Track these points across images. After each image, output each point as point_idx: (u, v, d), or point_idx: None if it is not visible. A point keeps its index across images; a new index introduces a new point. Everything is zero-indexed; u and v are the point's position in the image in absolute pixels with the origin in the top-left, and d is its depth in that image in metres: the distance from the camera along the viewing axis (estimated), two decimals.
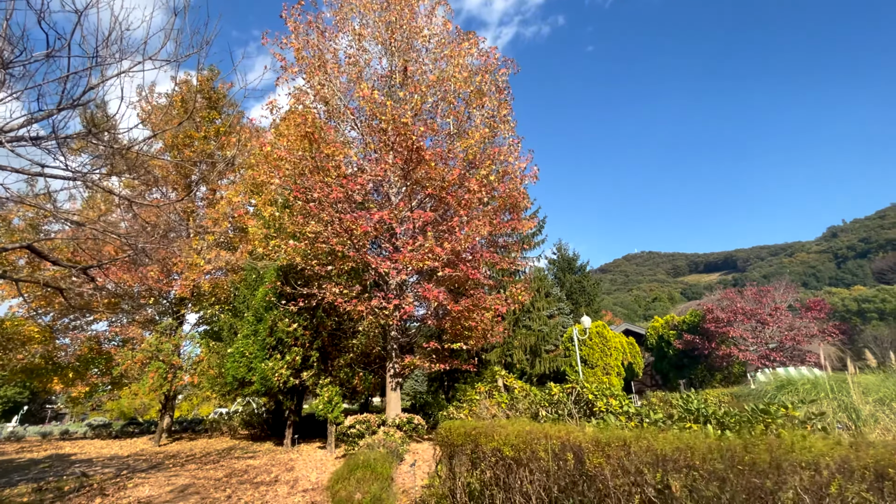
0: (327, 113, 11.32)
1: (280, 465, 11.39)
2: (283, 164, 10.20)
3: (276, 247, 11.14)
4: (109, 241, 10.24)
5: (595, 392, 5.19)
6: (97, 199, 18.06)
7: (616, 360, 23.70)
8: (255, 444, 16.03)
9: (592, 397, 5.14)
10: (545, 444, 3.02)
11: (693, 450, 2.46)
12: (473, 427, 3.93)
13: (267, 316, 13.11)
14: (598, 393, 5.18)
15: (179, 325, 18.94)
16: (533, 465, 3.05)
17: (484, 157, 11.06)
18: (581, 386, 5.36)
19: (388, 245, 10.81)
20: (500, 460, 3.36)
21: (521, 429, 3.37)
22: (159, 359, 16.03)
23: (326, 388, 12.83)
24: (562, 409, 5.23)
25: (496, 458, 3.40)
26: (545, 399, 5.72)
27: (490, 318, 10.55)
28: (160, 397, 17.46)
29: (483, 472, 3.61)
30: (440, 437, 4.54)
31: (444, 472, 4.39)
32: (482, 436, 3.65)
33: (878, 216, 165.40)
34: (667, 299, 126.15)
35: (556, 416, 5.21)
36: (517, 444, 3.24)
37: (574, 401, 5.30)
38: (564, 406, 5.25)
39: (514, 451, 3.24)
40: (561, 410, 5.23)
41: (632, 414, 4.49)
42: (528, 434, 3.22)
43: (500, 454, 3.33)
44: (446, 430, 4.45)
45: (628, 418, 4.37)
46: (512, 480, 3.18)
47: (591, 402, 5.12)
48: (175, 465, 11.69)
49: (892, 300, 77.37)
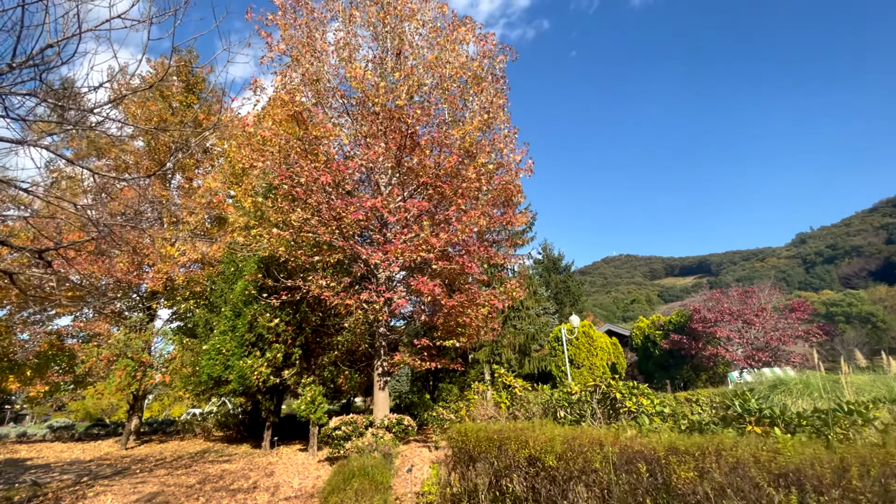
0: (316, 95, 10.62)
1: (259, 469, 10.65)
2: (267, 146, 9.49)
3: (258, 236, 10.40)
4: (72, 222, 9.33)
5: (623, 390, 4.74)
6: (62, 186, 16.87)
7: (602, 360, 23.57)
8: (231, 447, 15.15)
9: (621, 396, 4.68)
10: (601, 453, 2.54)
11: (844, 463, 1.94)
12: (497, 431, 3.43)
13: (246, 311, 12.33)
14: (626, 391, 4.72)
15: (150, 321, 17.86)
16: (588, 478, 2.55)
17: (480, 146, 10.58)
18: (606, 383, 4.91)
19: (378, 236, 10.20)
20: (540, 471, 2.86)
21: (560, 434, 2.89)
22: (127, 356, 15.01)
23: (309, 388, 12.13)
24: (584, 410, 4.77)
25: (535, 468, 2.90)
26: (564, 398, 5.25)
27: (486, 314, 10.06)
28: (128, 397, 16.38)
29: (514, 482, 3.11)
30: (453, 442, 4.02)
31: (457, 480, 3.88)
32: (512, 441, 3.15)
33: (843, 224, 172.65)
34: (645, 301, 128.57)
35: (576, 416, 4.75)
36: (563, 452, 2.74)
37: (598, 400, 4.85)
38: (587, 406, 4.78)
39: (561, 460, 2.75)
40: (583, 411, 4.77)
41: (667, 415, 4.07)
42: (573, 440, 2.74)
43: (541, 464, 2.84)
44: (460, 433, 3.94)
45: (663, 419, 3.95)
46: (556, 495, 2.68)
47: (616, 402, 4.67)
48: (143, 470, 10.82)
49: (857, 304, 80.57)
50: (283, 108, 9.37)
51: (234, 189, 18.60)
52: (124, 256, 16.00)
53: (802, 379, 10.94)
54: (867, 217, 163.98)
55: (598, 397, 4.87)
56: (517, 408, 6.85)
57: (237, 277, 15.23)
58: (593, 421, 4.62)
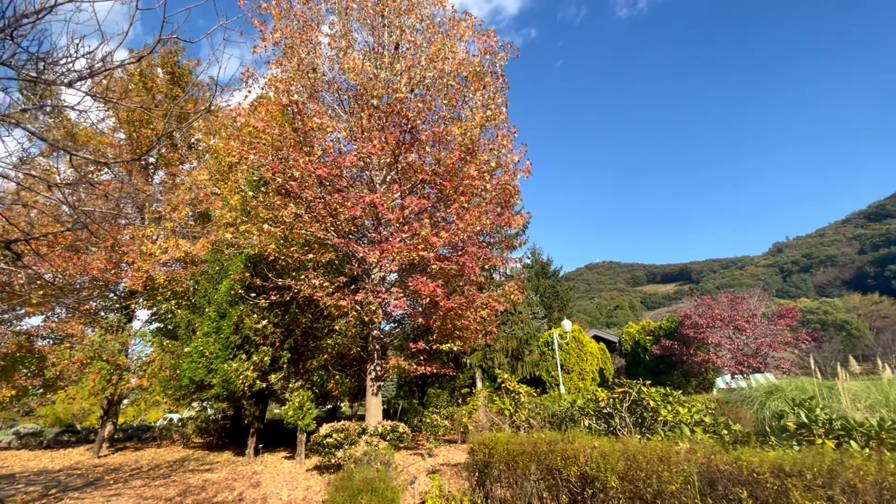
0: (311, 88, 10.18)
1: (243, 479, 10.07)
2: (260, 136, 9.00)
3: (247, 233, 9.87)
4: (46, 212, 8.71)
5: (657, 397, 4.41)
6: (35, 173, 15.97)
7: (591, 365, 23.47)
8: (212, 455, 14.45)
9: (654, 404, 4.35)
10: (677, 472, 2.18)
11: None
12: (535, 443, 3.06)
13: (232, 311, 11.74)
14: (659, 398, 4.39)
15: (128, 322, 17.03)
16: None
17: (480, 144, 10.27)
18: (637, 390, 4.59)
19: (374, 234, 9.78)
20: (598, 492, 2.49)
21: (616, 448, 2.53)
22: (102, 358, 14.20)
23: (297, 393, 11.59)
24: (614, 420, 4.42)
25: (591, 488, 2.53)
26: (590, 407, 4.91)
27: (486, 316, 9.71)
28: (102, 402, 15.53)
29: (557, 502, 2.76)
30: (478, 454, 3.63)
31: (480, 499, 3.49)
32: (555, 455, 2.78)
33: (818, 234, 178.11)
34: (628, 307, 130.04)
35: (604, 427, 4.40)
36: (625, 471, 2.38)
37: (628, 409, 4.52)
38: (615, 414, 4.45)
39: (625, 480, 2.39)
40: (613, 421, 4.42)
41: (707, 425, 3.76)
42: (635, 456, 2.38)
43: (600, 484, 2.47)
44: (485, 444, 3.56)
45: (704, 430, 3.64)
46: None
47: (648, 410, 4.34)
48: (116, 480, 10.12)
49: (833, 312, 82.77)
50: (276, 97, 8.91)
51: (221, 186, 17.94)
52: (101, 253, 15.22)
53: (798, 385, 10.86)
54: (840, 228, 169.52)
55: (628, 405, 4.54)
56: (530, 415, 6.50)
57: (222, 277, 14.59)
58: (624, 431, 4.28)
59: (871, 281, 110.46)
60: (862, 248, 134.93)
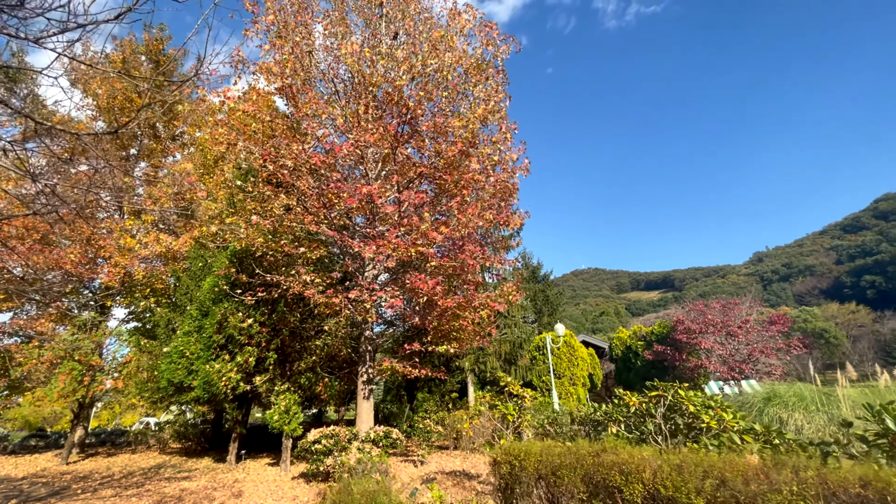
0: (306, 73, 9.67)
1: (224, 488, 9.43)
2: (250, 122, 8.46)
3: (234, 225, 9.29)
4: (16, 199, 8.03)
5: (696, 401, 4.00)
6: None
7: (582, 370, 23.24)
8: (191, 461, 13.69)
9: (695, 409, 3.95)
10: (796, 496, 1.78)
11: None
12: (577, 454, 2.61)
13: (215, 309, 11.10)
14: (700, 404, 3.98)
15: (103, 320, 16.14)
16: None
17: (479, 139, 9.89)
18: (673, 393, 4.18)
19: (370, 229, 9.30)
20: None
21: (691, 460, 2.11)
22: (74, 358, 13.35)
23: (284, 396, 11.00)
24: (646, 427, 4.03)
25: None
26: (618, 412, 4.50)
27: (485, 317, 9.29)
28: (73, 405, 14.62)
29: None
30: (503, 468, 3.17)
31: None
32: (610, 470, 2.34)
33: (796, 244, 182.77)
34: (613, 313, 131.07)
35: (636, 435, 4.00)
36: (716, 493, 1.97)
37: (664, 415, 4.12)
38: (646, 420, 4.05)
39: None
40: (645, 428, 4.03)
41: (758, 433, 3.38)
42: (728, 472, 1.96)
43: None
44: (511, 455, 3.10)
45: (755, 438, 3.27)
46: None
47: (686, 415, 3.95)
48: (85, 490, 9.38)
49: (812, 320, 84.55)
50: (269, 81, 8.39)
51: (206, 181, 17.20)
52: (76, 247, 14.40)
53: (796, 392, 10.64)
54: (818, 238, 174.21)
55: (663, 410, 4.14)
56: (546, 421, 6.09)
57: (205, 273, 13.91)
58: (659, 440, 3.88)
59: (847, 290, 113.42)
60: (839, 258, 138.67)
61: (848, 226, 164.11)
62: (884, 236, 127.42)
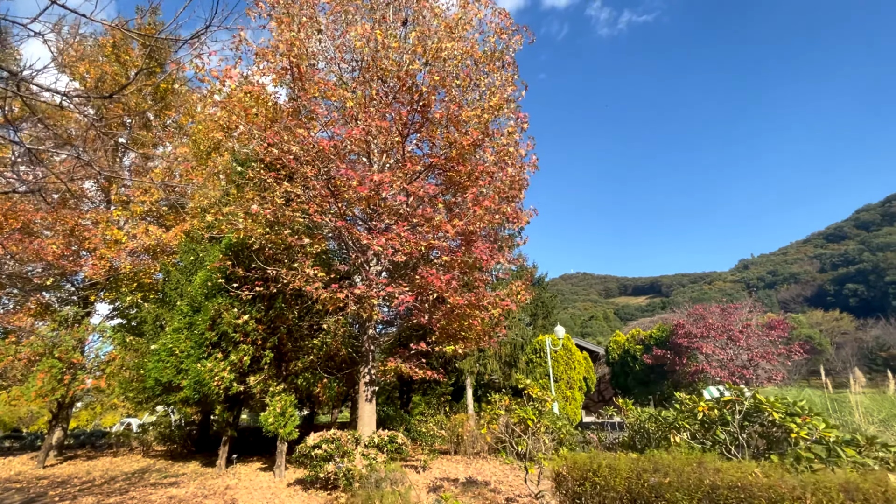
0: (311, 58, 9.15)
1: (215, 495, 8.82)
2: (254, 104, 7.92)
3: (232, 215, 8.72)
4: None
5: (780, 407, 3.54)
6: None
7: (579, 373, 22.92)
8: (177, 465, 12.99)
9: (780, 417, 3.49)
10: None
11: None
12: (692, 473, 2.15)
13: (208, 305, 10.50)
14: (783, 409, 3.51)
15: (86, 316, 15.35)
16: None
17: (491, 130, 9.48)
18: (751, 397, 3.73)
19: (377, 222, 8.81)
20: None
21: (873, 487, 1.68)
22: (54, 355, 12.58)
23: (279, 397, 10.42)
24: (717, 436, 3.59)
25: None
26: (682, 419, 4.05)
27: (496, 315, 8.85)
28: (51, 404, 13.81)
29: None
30: (569, 484, 2.68)
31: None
32: (750, 495, 1.90)
33: (781, 252, 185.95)
34: (602, 318, 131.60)
35: (705, 446, 3.55)
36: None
37: (741, 423, 3.68)
38: (717, 430, 3.62)
39: None
40: (718, 437, 3.59)
41: (861, 446, 2.96)
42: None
43: None
44: (592, 469, 2.61)
45: (858, 450, 2.86)
46: None
47: (763, 424, 3.52)
48: (63, 497, 8.70)
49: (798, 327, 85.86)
50: (275, 61, 7.86)
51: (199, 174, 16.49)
52: (58, 238, 13.64)
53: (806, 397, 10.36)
54: (802, 247, 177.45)
55: (739, 418, 3.69)
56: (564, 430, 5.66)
57: (197, 268, 13.26)
58: (736, 451, 3.45)
59: (830, 298, 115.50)
60: (822, 266, 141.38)
61: (830, 235, 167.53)
62: (865, 246, 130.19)
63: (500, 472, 10.24)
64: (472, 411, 17.96)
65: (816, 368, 69.63)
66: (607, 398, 35.89)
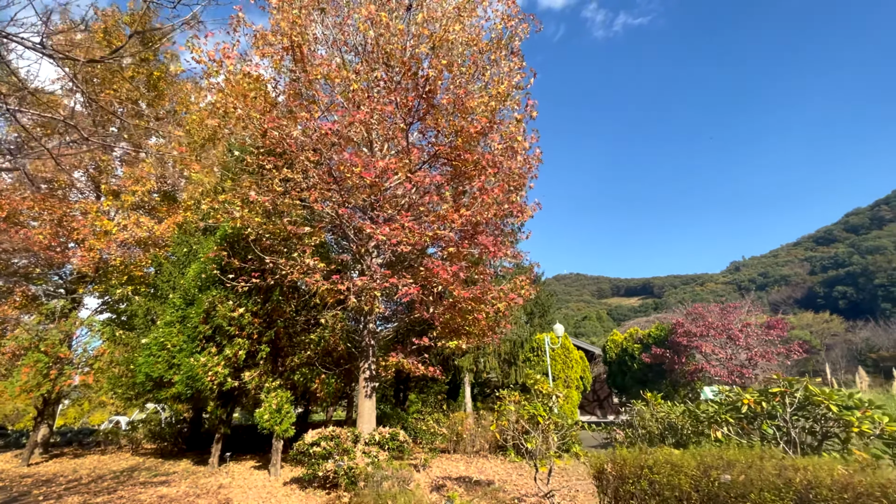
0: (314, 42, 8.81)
1: (208, 494, 8.47)
2: (253, 86, 7.57)
3: (228, 203, 8.36)
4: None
5: (836, 398, 3.27)
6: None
7: (576, 372, 22.77)
8: (168, 463, 12.58)
9: (837, 410, 3.23)
10: None
11: None
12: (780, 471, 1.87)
13: (202, 297, 10.12)
14: (838, 401, 3.24)
15: (74, 309, 14.86)
16: None
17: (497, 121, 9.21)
18: (803, 388, 3.47)
19: (378, 211, 8.49)
20: None
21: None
22: (40, 350, 12.13)
23: (275, 393, 10.07)
24: (766, 430, 3.33)
25: None
26: (724, 412, 3.78)
27: (502, 309, 8.57)
28: (36, 400, 13.34)
29: None
30: (633, 486, 2.40)
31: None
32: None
33: (771, 255, 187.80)
34: (595, 318, 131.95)
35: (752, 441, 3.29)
36: None
37: (792, 415, 3.43)
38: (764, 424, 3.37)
39: None
40: (766, 431, 3.33)
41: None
42: None
43: None
44: (648, 466, 2.32)
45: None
46: None
47: (816, 418, 3.26)
48: (48, 496, 8.30)
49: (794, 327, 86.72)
50: (276, 41, 7.50)
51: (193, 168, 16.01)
52: (46, 227, 13.17)
53: None
54: (792, 250, 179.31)
55: (791, 411, 3.42)
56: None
57: (190, 260, 12.87)
58: (786, 447, 3.19)
59: (820, 300, 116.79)
60: (812, 269, 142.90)
61: (820, 238, 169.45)
62: (855, 249, 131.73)
63: (503, 470, 9.99)
64: (469, 409, 17.70)
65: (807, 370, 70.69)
66: (602, 397, 35.80)
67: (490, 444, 12.78)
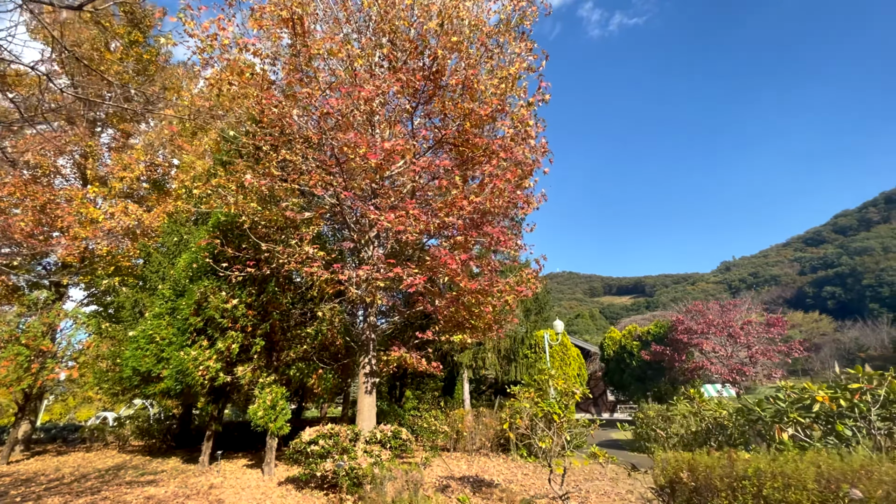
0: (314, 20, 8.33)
1: (198, 495, 8.01)
2: (249, 63, 7.09)
3: (222, 188, 7.88)
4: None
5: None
6: None
7: (574, 369, 22.52)
8: (156, 461, 12.08)
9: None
10: None
11: None
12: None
13: (193, 288, 9.61)
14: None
15: (58, 300, 14.25)
16: None
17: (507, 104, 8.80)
18: (887, 383, 3.13)
19: (381, 198, 8.05)
20: None
21: None
22: (20, 342, 11.54)
23: (270, 389, 9.62)
24: (843, 431, 3.01)
25: None
26: (794, 411, 3.44)
27: (510, 301, 8.19)
28: (17, 395, 12.76)
29: None
30: (732, 499, 2.00)
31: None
32: None
33: (761, 255, 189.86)
34: (588, 317, 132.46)
35: (830, 442, 2.97)
36: None
37: (878, 413, 3.08)
38: (839, 425, 3.04)
39: None
40: (843, 432, 3.00)
41: None
42: None
43: None
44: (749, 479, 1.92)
45: None
46: None
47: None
48: (26, 497, 7.79)
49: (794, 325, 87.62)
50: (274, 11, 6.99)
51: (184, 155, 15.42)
52: (28, 214, 12.54)
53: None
54: (782, 250, 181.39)
55: (878, 409, 3.05)
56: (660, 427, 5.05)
57: (181, 249, 12.34)
58: (868, 446, 2.87)
59: (809, 300, 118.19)
60: (802, 269, 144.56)
61: (810, 239, 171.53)
62: (843, 250, 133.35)
63: (507, 469, 9.63)
64: (468, 406, 17.35)
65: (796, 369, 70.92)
66: (596, 395, 35.70)
67: (491, 443, 12.43)
